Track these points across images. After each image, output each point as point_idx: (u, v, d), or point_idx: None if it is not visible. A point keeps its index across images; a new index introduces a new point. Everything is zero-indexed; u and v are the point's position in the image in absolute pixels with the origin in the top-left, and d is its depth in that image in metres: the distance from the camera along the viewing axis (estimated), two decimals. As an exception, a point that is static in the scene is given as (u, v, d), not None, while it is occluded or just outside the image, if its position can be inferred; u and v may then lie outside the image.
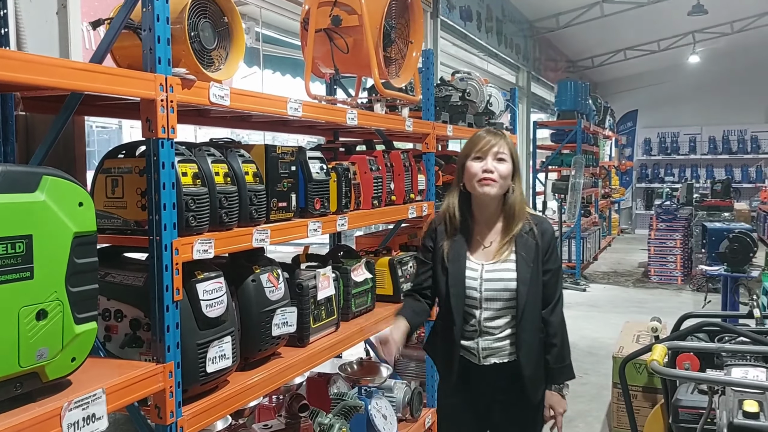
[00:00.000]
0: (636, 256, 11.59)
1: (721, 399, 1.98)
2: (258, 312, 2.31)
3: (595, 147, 11.34)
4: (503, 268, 2.30)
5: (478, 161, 2.32)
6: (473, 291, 2.32)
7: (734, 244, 4.89)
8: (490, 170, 2.29)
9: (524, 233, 2.32)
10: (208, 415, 2.04)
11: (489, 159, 2.30)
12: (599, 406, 4.50)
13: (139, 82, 1.81)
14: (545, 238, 2.34)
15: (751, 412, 1.81)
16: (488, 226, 2.38)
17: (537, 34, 11.27)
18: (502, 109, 5.28)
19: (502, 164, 2.31)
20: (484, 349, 2.32)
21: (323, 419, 2.95)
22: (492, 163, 2.30)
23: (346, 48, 3.18)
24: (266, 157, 2.41)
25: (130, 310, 2.04)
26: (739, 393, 1.92)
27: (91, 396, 1.66)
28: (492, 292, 2.30)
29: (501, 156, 2.31)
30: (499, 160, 2.31)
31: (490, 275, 2.31)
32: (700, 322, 2.65)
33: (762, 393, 1.90)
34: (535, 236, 2.32)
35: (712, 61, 14.60)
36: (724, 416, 1.86)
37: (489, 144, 2.31)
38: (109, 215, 2.07)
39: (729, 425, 1.81)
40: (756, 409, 1.81)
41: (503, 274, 2.30)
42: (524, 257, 2.29)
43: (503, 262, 2.31)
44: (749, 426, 1.79)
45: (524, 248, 2.30)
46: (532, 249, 2.30)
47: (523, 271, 2.28)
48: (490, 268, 2.31)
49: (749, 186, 14.72)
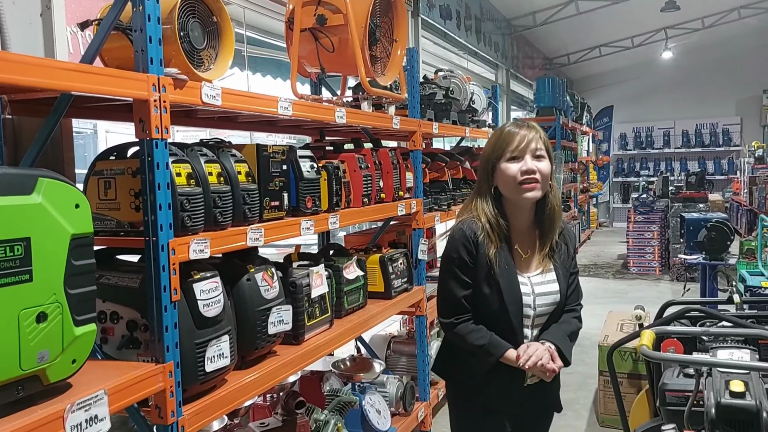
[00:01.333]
0: (615, 249, 11.74)
1: (708, 380, 2.03)
2: (254, 311, 2.31)
3: (574, 143, 11.48)
4: (548, 280, 2.11)
5: (515, 162, 2.05)
6: (528, 308, 2.08)
7: (712, 233, 4.99)
8: (532, 170, 2.03)
9: (558, 239, 2.15)
10: (208, 413, 2.05)
11: (528, 158, 2.04)
12: (586, 394, 4.57)
13: (131, 83, 1.81)
14: (570, 242, 2.20)
15: (737, 391, 1.85)
16: (525, 233, 2.15)
17: (514, 32, 11.37)
18: (484, 107, 5.33)
19: (542, 162, 2.06)
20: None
21: (319, 415, 2.97)
22: (532, 163, 2.04)
23: (332, 47, 3.19)
24: (258, 156, 2.42)
25: (126, 312, 2.03)
26: (725, 374, 1.97)
27: (93, 397, 1.66)
28: (544, 307, 2.10)
29: (539, 153, 2.06)
30: (538, 157, 2.05)
31: (540, 288, 2.10)
32: (684, 308, 2.71)
33: (747, 373, 1.96)
34: (566, 240, 2.18)
35: (684, 56, 14.83)
36: (712, 397, 1.91)
37: (525, 140, 2.05)
38: (102, 217, 2.06)
39: (717, 405, 1.86)
40: (742, 388, 1.86)
41: (549, 287, 2.10)
42: (561, 265, 2.13)
43: (545, 273, 2.11)
44: (736, 405, 1.84)
45: (560, 256, 2.14)
46: (566, 256, 2.15)
47: (562, 282, 2.11)
48: (538, 281, 2.10)
49: (722, 178, 14.98)
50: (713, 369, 1.98)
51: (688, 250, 5.77)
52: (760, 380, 1.93)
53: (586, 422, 4.12)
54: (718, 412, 1.82)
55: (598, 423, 4.08)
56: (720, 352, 2.11)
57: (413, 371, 3.98)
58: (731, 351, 2.10)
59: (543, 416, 2.34)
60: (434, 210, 4.12)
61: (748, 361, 2.02)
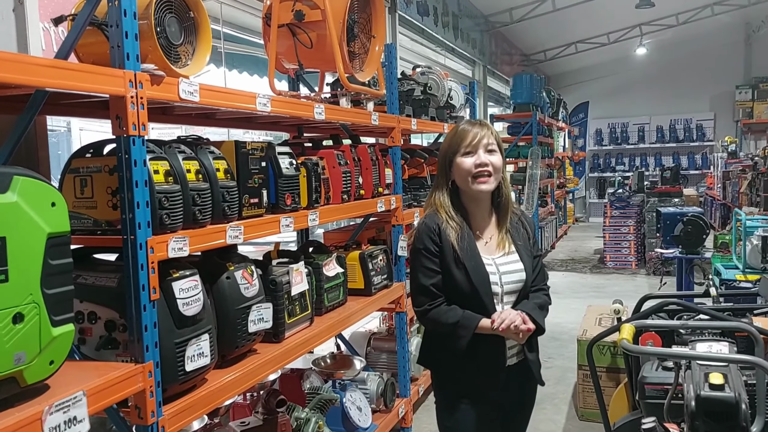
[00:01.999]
0: (591, 243, 11.86)
1: (687, 373, 2.05)
2: (234, 309, 2.29)
3: (550, 138, 11.55)
4: (511, 260, 2.25)
5: (469, 156, 2.22)
6: (496, 286, 2.21)
7: (688, 227, 5.06)
8: (485, 164, 2.20)
9: (514, 223, 2.31)
10: (189, 413, 2.03)
11: (480, 152, 2.21)
12: (565, 388, 4.62)
13: (108, 79, 1.78)
14: (529, 227, 2.35)
15: (716, 384, 1.88)
16: (483, 220, 2.31)
17: (492, 29, 11.40)
18: (462, 103, 5.35)
19: (493, 156, 2.23)
20: (510, 348, 2.25)
21: (300, 414, 2.95)
22: (485, 157, 2.21)
23: (310, 43, 3.17)
24: (236, 153, 2.40)
25: (104, 312, 2.00)
26: (704, 367, 1.99)
27: (72, 399, 1.63)
28: (511, 284, 2.23)
29: (491, 147, 2.23)
30: (490, 152, 2.23)
31: (505, 267, 2.24)
32: (662, 301, 2.74)
33: (726, 366, 1.98)
34: (524, 225, 2.32)
35: (658, 52, 15.00)
36: (692, 389, 1.93)
37: (478, 137, 2.22)
38: (78, 216, 2.03)
39: (696, 398, 1.88)
40: (721, 381, 1.88)
41: (514, 266, 2.25)
42: (522, 246, 2.27)
43: (509, 254, 2.25)
44: (715, 397, 1.86)
45: (519, 238, 2.28)
46: (524, 238, 2.29)
47: (526, 261, 2.26)
48: (502, 261, 2.24)
49: (696, 172, 15.19)
50: (692, 362, 2.00)
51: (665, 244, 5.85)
52: (739, 372, 1.96)
53: (566, 416, 4.15)
54: (697, 405, 1.84)
55: (577, 417, 4.12)
56: (699, 345, 2.13)
57: (393, 368, 3.99)
58: (710, 344, 2.12)
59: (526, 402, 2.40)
60: (413, 206, 4.12)
61: (726, 353, 2.05)
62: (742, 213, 5.07)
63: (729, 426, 1.83)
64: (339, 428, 3.31)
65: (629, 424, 2.96)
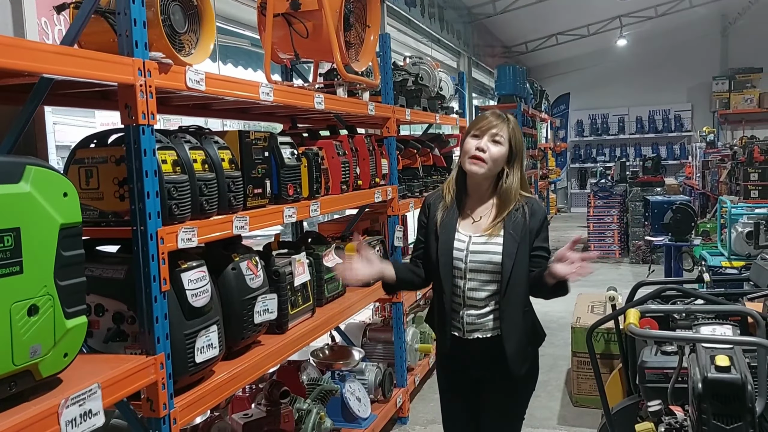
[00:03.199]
0: (575, 233, 11.93)
1: (692, 356, 2.09)
2: (240, 300, 2.28)
3: (534, 130, 11.62)
4: (490, 242, 2.29)
5: (475, 139, 2.30)
6: (459, 261, 2.30)
7: (677, 214, 5.13)
8: (482, 149, 2.26)
9: (514, 211, 2.31)
10: (199, 405, 2.02)
11: (485, 138, 2.27)
12: (558, 375, 4.66)
13: (117, 67, 1.75)
14: (536, 218, 2.31)
15: (723, 366, 1.91)
16: (481, 202, 2.37)
17: (475, 20, 11.41)
18: (452, 93, 5.35)
19: (496, 146, 2.27)
20: (468, 323, 2.31)
21: (301, 405, 2.95)
22: (486, 143, 2.27)
23: (306, 33, 3.15)
24: (240, 143, 2.38)
25: (111, 304, 1.98)
26: (710, 350, 2.03)
27: (87, 391, 1.61)
28: (477, 264, 2.28)
29: (497, 138, 2.27)
30: (494, 141, 2.27)
31: (476, 247, 2.30)
32: (661, 287, 2.78)
33: (731, 348, 2.02)
34: (525, 214, 2.30)
35: (638, 44, 15.11)
36: (698, 372, 1.96)
37: (489, 124, 2.28)
38: (84, 207, 1.98)
39: (704, 380, 1.91)
40: (727, 363, 1.91)
41: (489, 248, 2.28)
42: (512, 234, 2.28)
43: (491, 237, 2.29)
44: (722, 379, 1.89)
45: (513, 226, 2.29)
46: (520, 226, 2.29)
47: (509, 246, 2.27)
48: (477, 241, 2.31)
49: (674, 162, 15.36)
50: (697, 345, 2.03)
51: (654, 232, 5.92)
52: (743, 355, 1.99)
53: (560, 403, 4.20)
54: (705, 387, 1.87)
55: (571, 403, 4.16)
56: (703, 329, 2.17)
57: (390, 358, 4.00)
58: (713, 327, 2.16)
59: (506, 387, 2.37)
60: (407, 197, 4.13)
61: (730, 336, 2.09)
62: (728, 200, 5.15)
63: (736, 407, 1.86)
64: (339, 419, 3.32)
65: (627, 409, 3.00)
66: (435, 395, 4.44)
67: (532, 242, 2.30)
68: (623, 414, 2.91)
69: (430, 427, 3.93)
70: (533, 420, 3.88)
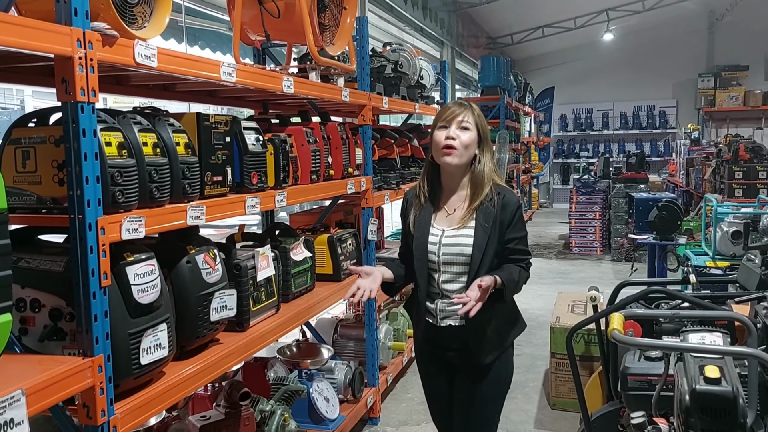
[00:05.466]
0: (556, 229, 11.89)
1: (679, 365, 1.95)
2: (195, 296, 2.12)
3: (517, 123, 11.49)
4: (461, 234, 2.32)
5: (443, 130, 2.32)
6: (433, 255, 2.34)
7: (663, 212, 5.02)
8: (452, 137, 2.29)
9: (486, 201, 2.32)
10: (144, 411, 1.85)
11: (453, 127, 2.31)
12: (535, 376, 4.53)
13: (52, 36, 1.57)
14: (508, 208, 2.31)
15: (712, 377, 1.77)
16: (454, 194, 2.39)
17: (459, 9, 11.24)
18: (432, 83, 5.19)
19: (465, 133, 2.30)
20: (441, 310, 2.36)
21: (264, 406, 2.79)
22: (454, 131, 2.30)
23: (278, 12, 2.97)
24: (198, 126, 2.20)
25: (48, 299, 1.81)
26: (698, 359, 1.89)
27: (8, 399, 1.44)
28: (448, 256, 2.32)
29: (465, 125, 2.31)
30: (462, 129, 2.31)
31: (448, 240, 2.33)
32: (647, 289, 2.64)
33: (721, 358, 1.88)
34: (495, 204, 2.31)
35: (624, 38, 15.03)
36: (685, 383, 1.82)
37: (454, 113, 2.32)
38: (20, 192, 1.82)
39: (692, 392, 1.77)
40: (717, 374, 1.77)
41: (460, 240, 2.31)
42: (482, 224, 2.30)
43: (462, 229, 2.32)
44: (712, 392, 1.75)
45: (484, 216, 2.31)
46: (491, 216, 2.30)
47: (479, 237, 2.29)
48: (450, 234, 2.34)
49: (658, 159, 15.34)
50: (684, 353, 1.90)
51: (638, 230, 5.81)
52: (733, 365, 1.86)
53: (537, 405, 4.07)
54: (693, 400, 1.73)
55: (549, 406, 4.03)
56: (691, 336, 2.03)
57: (361, 356, 3.84)
58: (702, 335, 2.02)
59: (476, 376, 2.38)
60: (383, 188, 3.96)
61: (721, 345, 1.95)
62: (714, 199, 5.05)
63: (726, 422, 1.72)
64: (306, 420, 3.16)
65: (607, 416, 2.87)
66: (408, 395, 4.33)
67: (503, 234, 2.31)
68: (603, 421, 2.78)
69: (402, 429, 3.78)
70: (508, 423, 3.75)
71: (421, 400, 4.14)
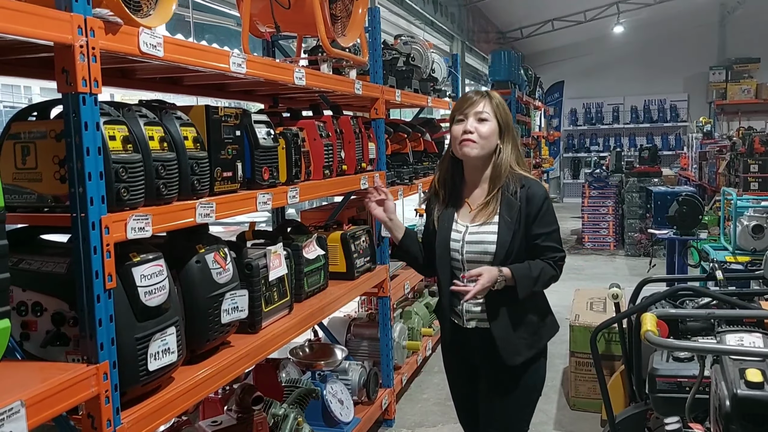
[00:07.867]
0: (568, 224, 11.74)
1: (715, 367, 1.84)
2: (205, 297, 2.02)
3: (527, 117, 11.34)
4: (485, 231, 2.22)
5: (460, 123, 2.24)
6: (456, 253, 2.26)
7: (683, 207, 4.88)
8: (470, 131, 2.20)
9: (510, 194, 2.21)
10: (153, 419, 1.76)
11: (470, 120, 2.21)
12: (553, 374, 4.41)
13: (51, 23, 1.47)
14: (533, 201, 2.19)
15: (755, 381, 1.66)
16: (477, 187, 2.30)
17: (469, 3, 11.10)
18: (444, 76, 5.08)
19: (483, 124, 2.21)
20: (467, 311, 2.27)
21: (277, 410, 2.70)
22: (472, 124, 2.21)
23: (288, 3, 2.86)
24: (207, 119, 2.10)
25: (51, 302, 1.72)
26: (738, 361, 1.78)
27: (7, 410, 1.35)
28: (473, 254, 2.23)
29: (482, 116, 2.21)
30: (480, 120, 2.21)
31: (472, 237, 2.24)
32: (676, 287, 2.53)
33: (762, 360, 1.77)
34: (519, 198, 2.20)
35: (634, 32, 14.85)
36: (724, 387, 1.71)
37: (470, 104, 2.22)
38: (19, 190, 1.73)
39: (732, 397, 1.66)
40: (760, 378, 1.66)
41: (484, 237, 2.22)
42: (506, 219, 2.20)
43: (486, 225, 2.22)
44: (755, 397, 1.64)
45: (507, 210, 2.20)
46: (515, 211, 2.19)
47: (503, 234, 2.19)
48: (473, 230, 2.24)
49: (669, 153, 15.17)
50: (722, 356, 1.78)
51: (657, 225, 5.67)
52: (775, 368, 1.74)
53: (556, 405, 3.96)
54: (733, 405, 1.62)
55: (569, 406, 3.92)
56: (728, 337, 1.92)
57: (375, 356, 3.74)
58: (740, 335, 1.90)
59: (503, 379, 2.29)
60: (396, 184, 3.85)
61: (761, 346, 1.84)
62: (733, 192, 4.91)
63: (770, 430, 1.62)
64: (319, 423, 3.07)
65: (633, 418, 2.76)
66: (423, 395, 4.22)
67: (529, 229, 2.20)
68: (629, 423, 2.67)
69: (417, 431, 3.68)
70: (528, 423, 3.65)
71: (436, 401, 4.05)
